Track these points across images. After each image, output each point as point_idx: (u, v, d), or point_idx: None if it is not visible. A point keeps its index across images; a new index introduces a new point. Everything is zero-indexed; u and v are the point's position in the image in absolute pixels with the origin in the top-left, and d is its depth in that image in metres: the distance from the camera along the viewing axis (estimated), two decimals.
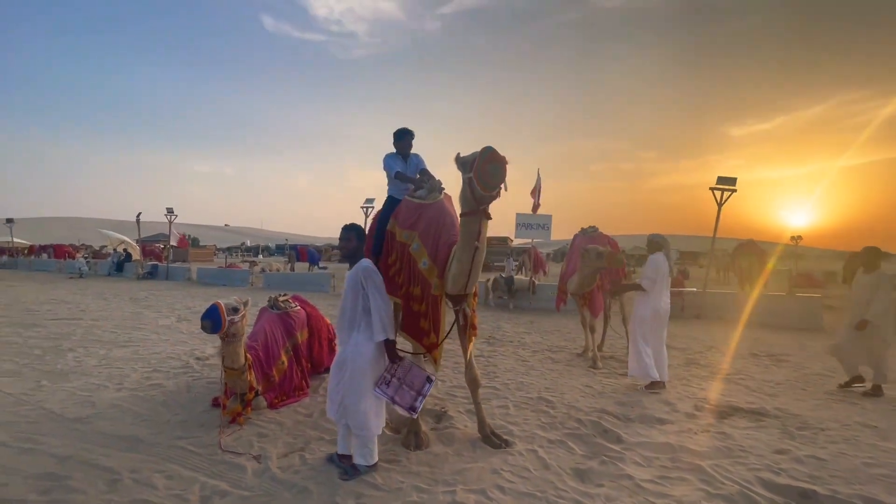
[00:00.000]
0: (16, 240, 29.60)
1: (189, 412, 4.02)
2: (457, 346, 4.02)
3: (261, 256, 46.37)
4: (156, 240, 39.01)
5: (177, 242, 21.13)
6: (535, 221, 11.94)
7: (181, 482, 2.87)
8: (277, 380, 4.26)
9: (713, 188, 10.12)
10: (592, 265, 5.74)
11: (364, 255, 3.16)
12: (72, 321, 8.53)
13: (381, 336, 2.96)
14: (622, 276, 6.31)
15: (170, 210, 19.02)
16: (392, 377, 3.05)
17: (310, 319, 4.94)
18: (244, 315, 3.72)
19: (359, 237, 3.14)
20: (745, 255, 14.71)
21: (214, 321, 3.44)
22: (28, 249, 32.57)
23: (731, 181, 10.10)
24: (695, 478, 2.99)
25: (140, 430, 3.61)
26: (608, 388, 4.92)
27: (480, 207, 2.96)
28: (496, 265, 24.41)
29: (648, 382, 4.88)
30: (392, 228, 3.72)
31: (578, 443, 3.52)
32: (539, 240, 12.53)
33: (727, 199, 10.15)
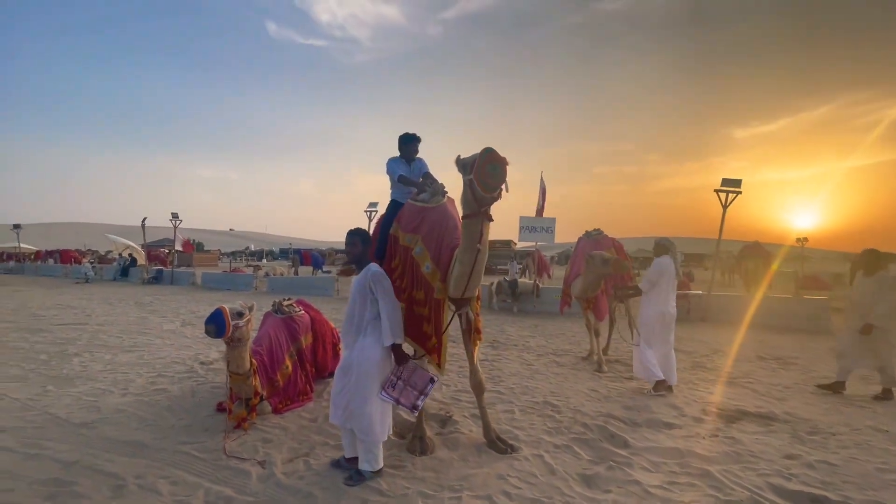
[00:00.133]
0: (22, 245, 29.86)
1: (194, 417, 4.02)
2: (461, 350, 4.00)
3: (265, 261, 46.52)
4: (161, 245, 39.22)
5: (182, 247, 21.23)
6: (539, 224, 11.91)
7: (186, 488, 2.86)
8: (282, 384, 4.25)
9: (718, 190, 10.06)
10: (598, 271, 5.69)
11: (370, 259, 3.16)
12: (77, 326, 8.57)
13: (391, 340, 2.96)
14: (628, 281, 6.27)
15: (174, 215, 19.13)
16: (398, 379, 3.04)
17: (314, 324, 4.94)
18: (249, 320, 3.71)
19: (364, 241, 3.13)
20: (751, 258, 14.62)
21: (218, 325, 3.43)
22: (34, 255, 32.83)
23: (736, 183, 10.04)
24: (704, 484, 2.95)
25: (145, 436, 3.61)
26: (614, 393, 4.88)
27: (482, 209, 2.95)
28: (499, 268, 24.37)
29: (654, 384, 4.84)
30: (395, 232, 3.71)
31: (585, 448, 3.49)
32: (542, 243, 12.49)
33: (732, 202, 10.09)
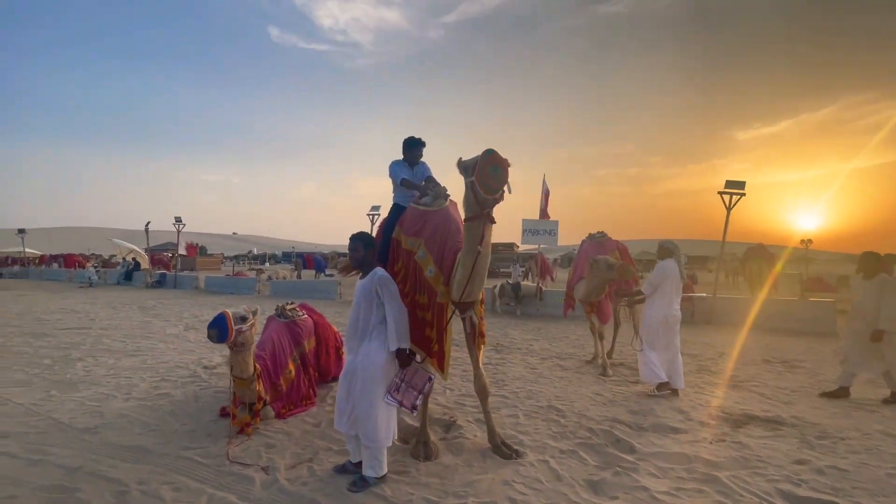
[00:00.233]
0: (27, 250, 30.00)
1: (197, 422, 4.00)
2: (464, 354, 3.98)
3: (267, 264, 46.60)
4: (164, 248, 39.37)
5: (185, 250, 21.31)
6: (542, 227, 11.89)
7: (189, 494, 2.85)
8: (285, 389, 4.23)
9: (722, 192, 10.01)
10: (602, 276, 5.65)
11: (374, 263, 3.14)
12: (81, 330, 8.58)
13: (398, 345, 2.94)
14: (633, 285, 6.23)
15: (178, 219, 19.20)
16: (401, 382, 3.03)
17: (317, 328, 4.92)
18: (253, 324, 3.70)
19: (367, 245, 3.12)
20: (756, 260, 14.52)
21: (221, 330, 3.42)
22: (39, 259, 32.98)
23: (740, 185, 10.00)
24: (712, 490, 2.91)
25: (148, 441, 3.60)
26: (619, 397, 4.84)
27: (484, 211, 2.94)
28: (502, 271, 24.32)
29: (657, 385, 4.85)
30: (398, 236, 3.70)
31: (591, 453, 3.45)
32: (545, 245, 12.47)
33: (736, 203, 10.05)
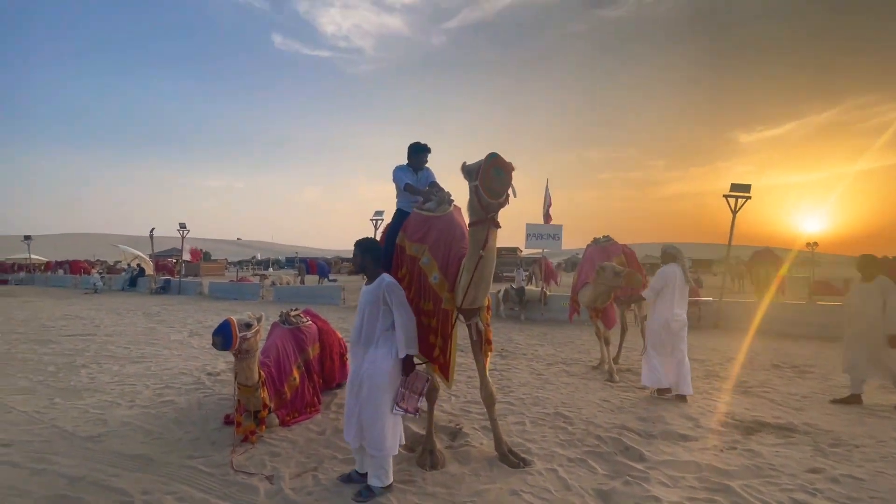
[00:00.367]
0: (33, 256, 30.21)
1: (201, 430, 3.97)
2: (469, 360, 3.94)
3: (271, 270, 46.70)
4: (169, 254, 39.55)
5: (190, 256, 21.38)
6: (546, 231, 11.83)
7: None
8: (289, 396, 4.19)
9: (727, 195, 9.96)
10: (609, 283, 5.62)
11: (379, 269, 3.11)
12: (86, 337, 8.59)
13: (406, 351, 2.91)
14: (639, 291, 6.19)
15: (182, 225, 19.28)
16: (405, 390, 2.99)
17: (321, 334, 4.89)
18: (258, 331, 3.67)
19: (364, 251, 3.08)
20: (762, 264, 14.43)
21: (225, 337, 3.40)
22: (45, 265, 33.20)
23: (746, 188, 9.93)
24: (725, 499, 2.85)
25: (151, 450, 3.56)
26: (627, 403, 4.78)
27: (488, 216, 2.91)
28: (506, 276, 24.27)
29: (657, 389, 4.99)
30: (401, 242, 3.67)
31: (600, 461, 3.40)
32: (549, 250, 12.41)
33: (742, 207, 9.98)
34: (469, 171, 2.92)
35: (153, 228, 20.87)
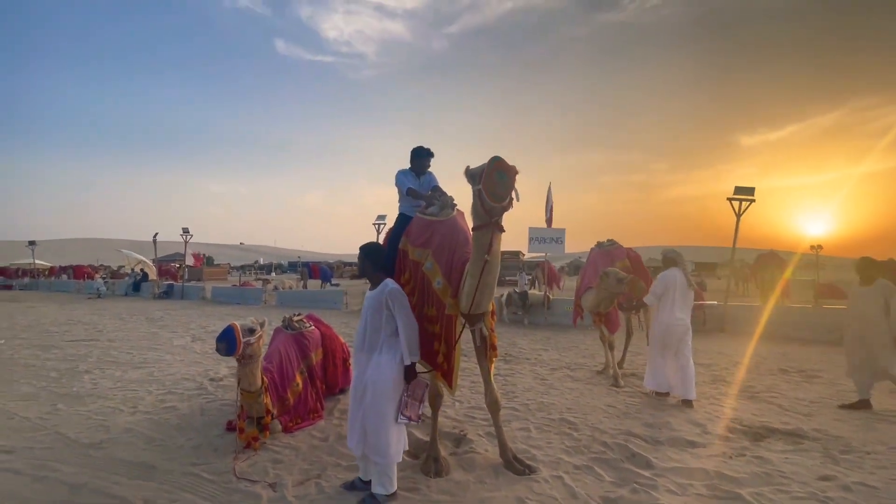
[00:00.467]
0: (38, 261, 30.32)
1: (203, 436, 3.95)
2: (473, 364, 3.90)
3: (273, 274, 46.74)
4: (172, 259, 39.64)
5: (192, 262, 21.44)
6: (549, 235, 11.78)
7: None
8: (292, 402, 4.16)
9: (731, 198, 9.90)
10: (611, 289, 5.60)
11: (382, 274, 3.09)
12: (89, 342, 8.59)
13: (410, 359, 2.87)
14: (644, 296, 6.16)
15: (185, 230, 19.35)
16: (408, 398, 2.95)
17: (324, 339, 4.87)
18: (261, 336, 3.65)
19: (365, 256, 3.06)
20: (768, 267, 14.33)
21: (229, 343, 3.38)
22: (49, 271, 33.31)
23: (749, 191, 9.88)
24: None
25: (153, 457, 3.54)
26: (632, 408, 4.73)
27: (492, 220, 2.89)
28: (508, 279, 24.20)
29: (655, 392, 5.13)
30: (404, 247, 3.64)
31: (606, 468, 3.35)
32: (552, 253, 12.36)
33: (746, 210, 9.92)
34: (472, 175, 2.90)
35: (156, 233, 20.96)
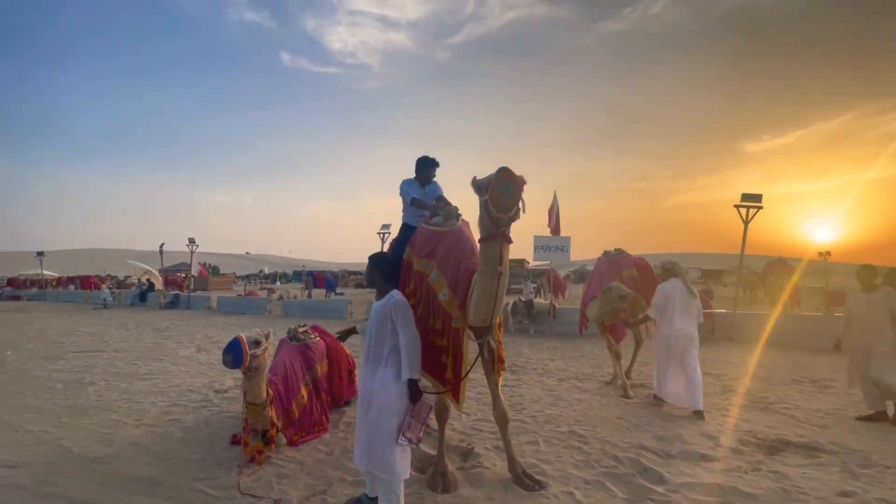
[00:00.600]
0: (45, 272, 30.56)
1: (207, 450, 3.90)
2: (479, 376, 3.85)
3: (278, 283, 46.85)
4: (178, 269, 39.83)
5: (197, 273, 21.53)
6: (554, 243, 11.74)
7: None
8: (297, 415, 4.12)
9: (738, 205, 9.84)
10: (613, 305, 5.62)
11: (388, 284, 3.05)
12: (94, 353, 8.59)
13: (409, 375, 2.81)
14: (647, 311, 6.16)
15: (191, 240, 19.46)
16: (412, 419, 2.85)
17: (329, 351, 4.83)
18: (266, 348, 3.63)
19: (376, 265, 3.04)
20: (776, 275, 14.18)
21: (236, 356, 3.35)
22: (56, 281, 33.55)
23: (757, 198, 9.81)
24: None
25: (157, 471, 3.50)
26: (643, 421, 4.64)
27: (499, 231, 2.85)
28: (513, 288, 24.09)
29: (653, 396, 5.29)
30: (409, 257, 3.61)
31: (618, 483, 3.27)
32: (557, 262, 12.30)
33: (753, 217, 9.84)
34: (479, 186, 2.88)
35: (163, 244, 21.07)
